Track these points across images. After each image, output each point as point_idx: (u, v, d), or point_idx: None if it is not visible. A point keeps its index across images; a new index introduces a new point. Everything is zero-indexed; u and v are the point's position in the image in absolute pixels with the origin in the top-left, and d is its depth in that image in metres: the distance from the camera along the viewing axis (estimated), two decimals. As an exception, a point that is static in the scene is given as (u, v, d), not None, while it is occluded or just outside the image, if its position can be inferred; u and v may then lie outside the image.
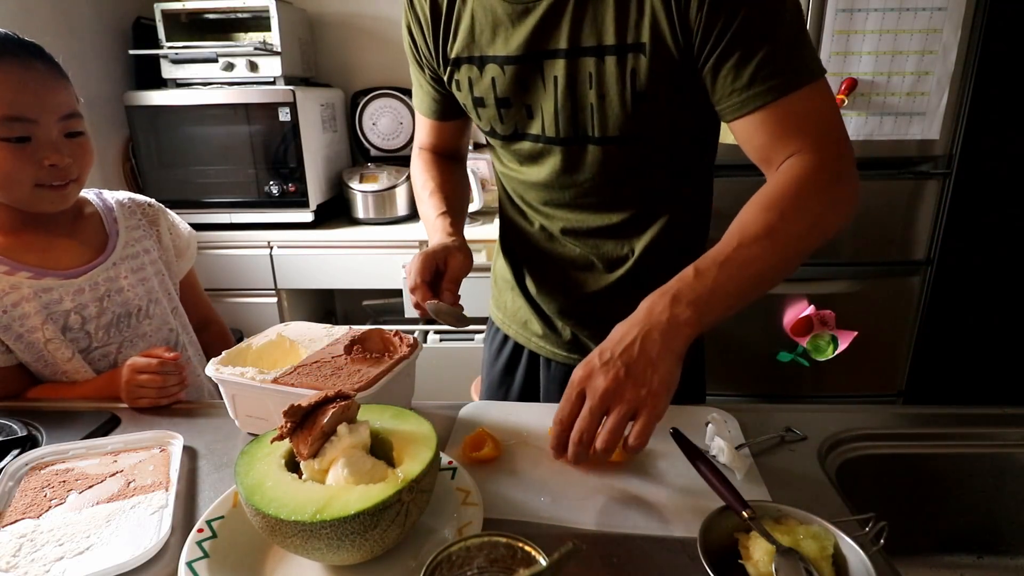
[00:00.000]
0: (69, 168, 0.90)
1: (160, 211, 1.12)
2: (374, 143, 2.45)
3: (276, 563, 0.57)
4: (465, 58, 0.83)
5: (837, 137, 0.72)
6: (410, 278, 0.80)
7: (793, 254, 0.68)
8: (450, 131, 1.01)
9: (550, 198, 0.90)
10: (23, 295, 0.91)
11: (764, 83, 0.69)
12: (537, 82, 0.79)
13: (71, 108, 0.90)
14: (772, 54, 0.69)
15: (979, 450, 0.79)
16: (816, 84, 0.71)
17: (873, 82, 1.79)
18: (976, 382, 2.26)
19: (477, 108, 0.86)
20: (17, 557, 0.58)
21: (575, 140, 0.81)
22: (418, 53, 0.91)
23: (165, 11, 2.08)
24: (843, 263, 1.99)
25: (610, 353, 0.61)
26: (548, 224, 0.92)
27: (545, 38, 0.76)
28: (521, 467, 0.71)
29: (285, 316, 2.24)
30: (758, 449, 0.73)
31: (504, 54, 0.79)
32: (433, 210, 0.93)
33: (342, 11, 2.45)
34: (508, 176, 0.94)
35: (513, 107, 0.83)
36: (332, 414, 0.56)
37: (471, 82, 0.84)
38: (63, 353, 0.94)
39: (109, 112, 2.12)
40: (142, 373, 0.87)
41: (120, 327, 1.00)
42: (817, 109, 0.71)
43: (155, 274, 1.06)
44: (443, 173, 0.99)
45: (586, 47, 0.75)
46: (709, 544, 0.52)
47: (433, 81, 0.92)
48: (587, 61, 0.75)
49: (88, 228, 1.02)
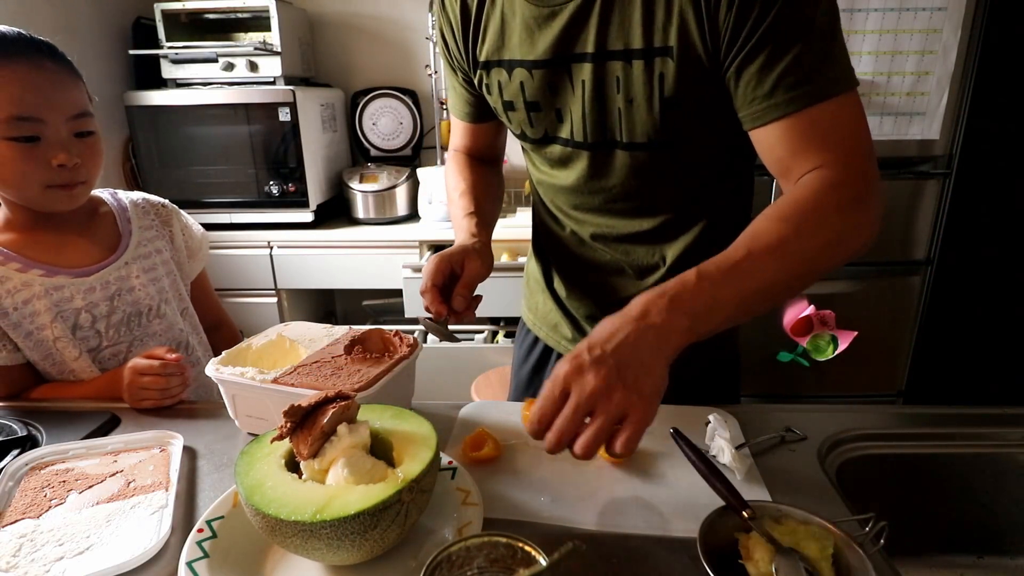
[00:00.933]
0: (77, 168, 0.90)
1: (174, 212, 1.13)
2: (374, 143, 2.45)
3: (276, 563, 0.57)
4: (495, 62, 0.82)
5: (864, 155, 0.67)
6: (423, 280, 0.78)
7: (804, 271, 0.64)
8: (484, 133, 1.00)
9: (580, 202, 0.88)
10: (34, 292, 0.92)
11: (788, 92, 0.66)
12: (566, 86, 0.78)
13: (81, 108, 0.90)
14: (799, 60, 0.65)
15: (979, 450, 0.79)
16: (847, 96, 0.66)
17: (873, 82, 1.79)
18: (976, 382, 2.26)
19: (507, 112, 0.85)
20: (17, 557, 0.58)
21: (603, 145, 0.80)
22: (450, 56, 0.90)
23: (165, 11, 2.08)
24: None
25: (601, 350, 0.56)
26: (579, 229, 0.91)
27: (572, 41, 0.75)
28: (521, 467, 0.71)
29: (285, 316, 2.24)
30: (758, 449, 0.73)
31: (532, 58, 0.78)
32: (461, 210, 0.92)
33: (342, 11, 2.45)
34: (540, 179, 0.93)
35: (543, 111, 0.82)
36: (332, 414, 0.56)
37: (500, 86, 0.83)
38: (71, 352, 0.94)
39: (109, 112, 2.12)
40: (145, 375, 0.87)
41: (131, 326, 1.00)
42: (845, 123, 0.67)
43: (166, 274, 1.06)
44: (476, 174, 0.98)
45: (613, 50, 0.73)
46: (709, 544, 0.52)
47: (466, 83, 0.92)
48: (614, 65, 0.73)
49: (101, 227, 1.02)
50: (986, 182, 2.05)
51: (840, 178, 0.65)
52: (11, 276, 0.90)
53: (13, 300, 0.90)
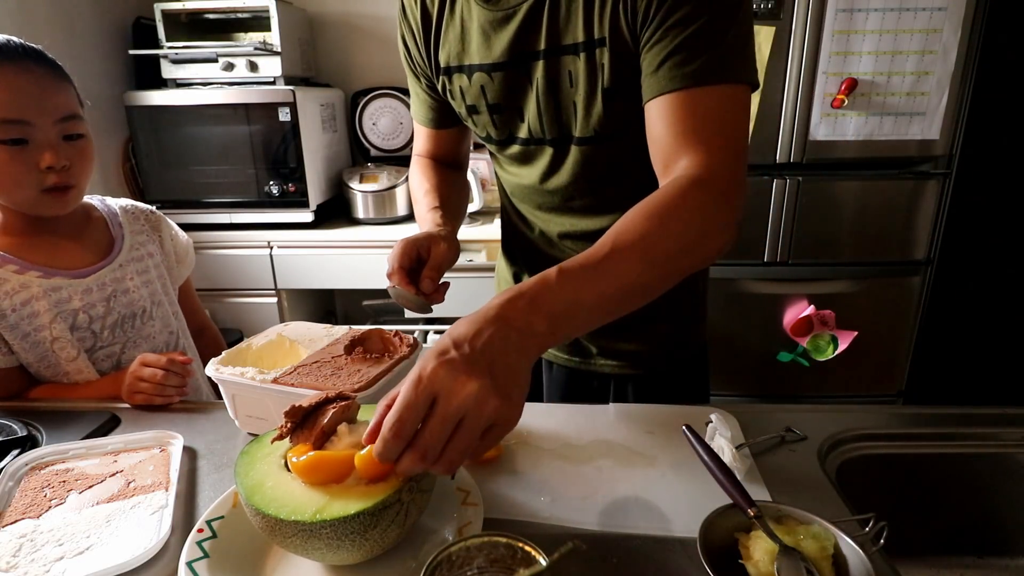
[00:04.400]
0: (67, 171, 0.90)
1: (161, 218, 1.14)
2: (374, 143, 2.45)
3: (276, 563, 0.57)
4: (455, 67, 0.84)
5: (736, 154, 0.67)
6: (389, 263, 0.79)
7: (667, 272, 0.61)
8: (448, 139, 1.01)
9: (542, 201, 0.90)
10: (33, 294, 0.92)
11: (675, 69, 0.66)
12: (524, 85, 0.80)
13: (69, 110, 0.90)
14: (694, 41, 0.66)
15: (979, 450, 0.79)
16: (735, 88, 0.67)
17: (873, 82, 1.79)
18: (976, 382, 2.26)
19: (472, 116, 0.87)
20: (17, 557, 0.58)
21: (560, 140, 0.82)
22: (412, 62, 0.92)
23: (165, 11, 2.08)
24: (843, 263, 1.99)
25: (470, 347, 0.49)
26: (547, 228, 0.93)
27: (526, 41, 0.77)
28: (521, 467, 0.71)
29: (285, 316, 2.24)
30: (758, 449, 0.73)
31: (490, 61, 0.80)
32: (426, 206, 0.93)
33: (342, 11, 2.45)
34: (508, 181, 0.95)
35: (505, 112, 0.84)
36: (332, 414, 0.56)
37: (463, 91, 0.85)
38: (68, 352, 0.94)
39: (109, 112, 2.12)
40: (148, 367, 0.88)
41: (125, 327, 1.01)
42: (726, 116, 0.67)
43: (158, 278, 1.08)
44: (439, 176, 0.99)
45: (564, 45, 0.76)
46: (709, 544, 0.52)
47: (429, 89, 0.93)
48: (565, 59, 0.76)
49: (94, 231, 1.03)
50: (986, 182, 2.05)
51: (708, 176, 0.64)
52: (9, 278, 0.91)
53: (12, 302, 0.90)
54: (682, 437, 0.67)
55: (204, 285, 2.11)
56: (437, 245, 0.81)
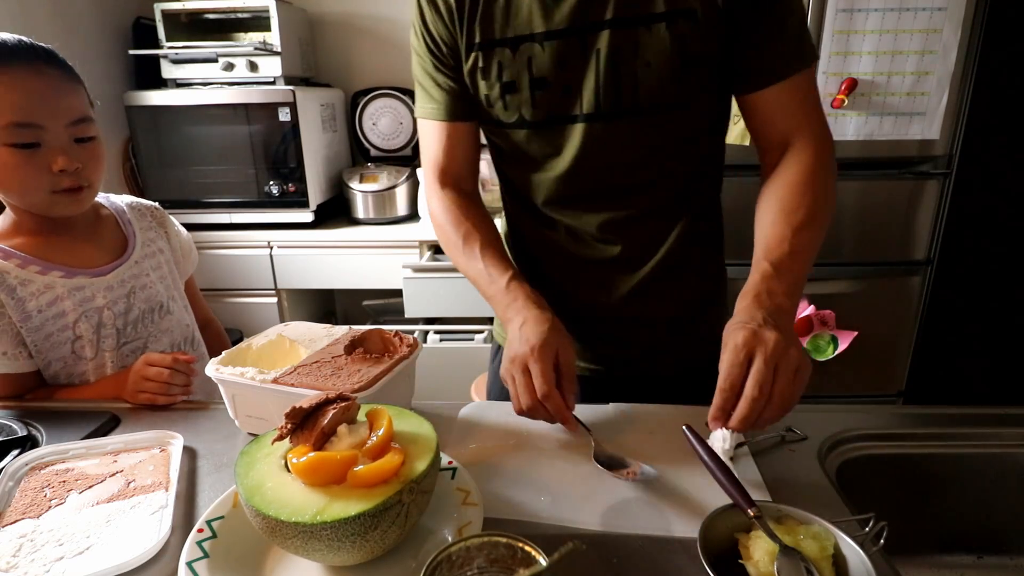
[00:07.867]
0: (79, 173, 0.90)
1: (165, 214, 1.15)
2: (374, 143, 2.45)
3: (276, 563, 0.57)
4: (498, 40, 0.80)
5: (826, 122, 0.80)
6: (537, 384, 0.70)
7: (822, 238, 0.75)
8: (465, 136, 0.91)
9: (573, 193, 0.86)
10: (58, 294, 0.92)
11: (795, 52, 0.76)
12: (579, 57, 0.78)
13: (81, 113, 0.90)
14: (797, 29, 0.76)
15: (979, 450, 0.79)
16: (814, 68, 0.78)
17: (873, 82, 1.79)
18: (976, 382, 2.26)
19: (504, 96, 0.82)
20: (17, 557, 0.58)
21: (612, 115, 0.79)
22: (435, 44, 0.85)
23: (165, 11, 2.08)
24: (843, 263, 1.99)
25: (763, 319, 0.64)
26: (576, 224, 0.88)
27: (591, 9, 0.76)
28: (521, 467, 0.71)
29: (285, 316, 2.24)
30: (758, 449, 0.73)
31: (544, 29, 0.77)
32: (496, 270, 0.83)
33: (342, 11, 2.45)
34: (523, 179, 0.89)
35: (551, 87, 0.80)
36: (332, 415, 0.56)
37: (500, 67, 0.81)
38: (87, 352, 0.95)
39: (109, 112, 2.12)
40: (153, 366, 0.88)
41: (146, 322, 1.02)
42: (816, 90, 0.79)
43: (169, 273, 1.09)
44: (476, 216, 0.90)
45: (633, 16, 0.75)
46: (709, 544, 0.52)
47: (451, 72, 0.86)
48: (637, 29, 0.75)
49: (106, 230, 1.03)
50: (986, 182, 2.04)
51: (827, 147, 0.78)
52: (33, 279, 0.91)
53: (38, 303, 0.91)
54: (682, 437, 0.67)
55: (204, 285, 2.10)
56: (566, 349, 0.73)
